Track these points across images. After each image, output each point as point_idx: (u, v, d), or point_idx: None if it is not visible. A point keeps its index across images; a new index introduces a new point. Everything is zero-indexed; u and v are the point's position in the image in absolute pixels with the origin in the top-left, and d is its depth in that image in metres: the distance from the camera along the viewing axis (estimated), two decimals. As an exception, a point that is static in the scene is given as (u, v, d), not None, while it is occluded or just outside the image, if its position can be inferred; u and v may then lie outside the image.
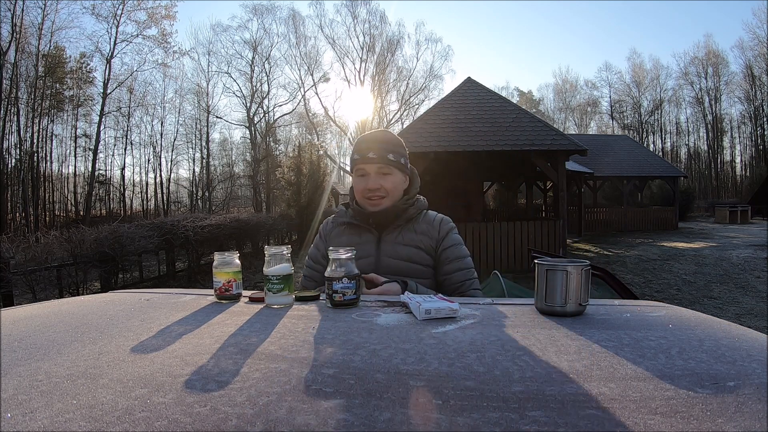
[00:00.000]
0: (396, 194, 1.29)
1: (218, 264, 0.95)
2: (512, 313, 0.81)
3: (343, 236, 1.31)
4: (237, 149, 34.16)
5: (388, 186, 1.27)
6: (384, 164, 1.26)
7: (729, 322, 0.77)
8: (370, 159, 1.26)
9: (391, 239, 1.27)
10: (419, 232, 1.28)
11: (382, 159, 1.25)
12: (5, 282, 4.98)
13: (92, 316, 0.82)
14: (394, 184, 1.28)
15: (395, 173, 1.28)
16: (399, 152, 1.29)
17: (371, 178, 1.26)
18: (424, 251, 1.26)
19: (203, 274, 8.62)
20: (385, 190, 1.26)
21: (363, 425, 0.40)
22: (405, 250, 1.25)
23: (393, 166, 1.27)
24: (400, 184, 1.30)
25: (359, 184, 1.29)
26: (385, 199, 1.27)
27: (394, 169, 1.28)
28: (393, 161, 1.27)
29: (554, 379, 0.50)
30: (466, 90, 10.50)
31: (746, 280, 7.33)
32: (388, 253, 1.25)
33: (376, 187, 1.25)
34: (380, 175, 1.26)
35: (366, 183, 1.27)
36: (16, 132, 20.95)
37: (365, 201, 1.28)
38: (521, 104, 29.32)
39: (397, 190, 1.29)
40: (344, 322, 0.75)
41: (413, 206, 1.31)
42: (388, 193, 1.27)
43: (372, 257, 1.25)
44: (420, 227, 1.29)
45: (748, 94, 33.61)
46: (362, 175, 1.28)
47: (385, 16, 32.87)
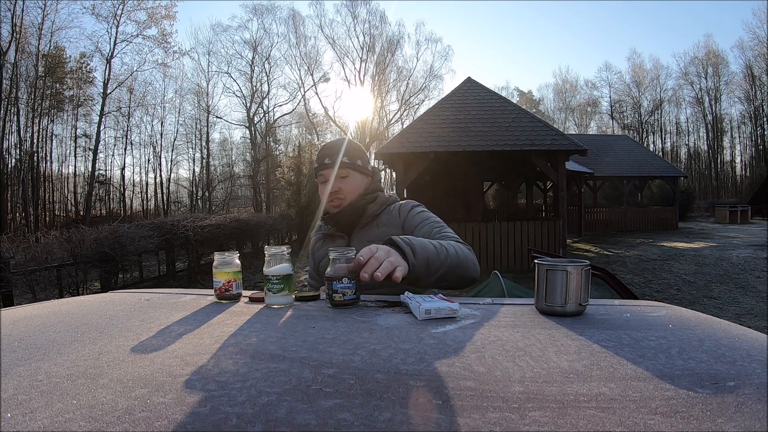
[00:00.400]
0: (355, 195, 1.34)
1: (218, 264, 0.95)
2: (512, 313, 0.81)
3: (324, 248, 1.35)
4: (237, 149, 34.18)
5: (347, 188, 1.32)
6: (340, 168, 1.32)
7: (729, 322, 0.77)
8: (326, 165, 1.33)
9: (358, 239, 1.30)
10: (382, 225, 1.31)
11: (335, 163, 1.32)
12: (5, 282, 4.98)
13: (92, 316, 0.82)
14: (353, 185, 1.33)
15: (353, 175, 1.34)
16: (355, 155, 1.35)
17: (331, 181, 1.32)
18: None
19: (203, 274, 8.62)
20: (343, 192, 1.32)
21: (363, 425, 0.40)
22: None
23: (349, 168, 1.33)
24: (358, 185, 1.35)
25: (321, 191, 1.35)
26: (343, 200, 1.32)
27: (351, 171, 1.33)
28: (348, 164, 1.32)
29: (554, 379, 0.50)
30: (466, 90, 10.50)
31: (746, 280, 7.33)
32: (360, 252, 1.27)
33: (335, 190, 1.31)
34: (338, 179, 1.32)
35: (326, 187, 1.33)
36: (16, 132, 20.96)
37: (329, 206, 1.34)
38: (521, 104, 29.33)
39: (356, 191, 1.34)
40: (344, 322, 0.75)
41: (373, 202, 1.34)
42: (346, 194, 1.32)
43: None
44: (385, 219, 1.32)
45: (748, 94, 33.61)
46: (323, 182, 1.34)
47: (385, 16, 32.83)
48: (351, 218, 1.31)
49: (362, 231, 1.31)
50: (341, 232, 1.34)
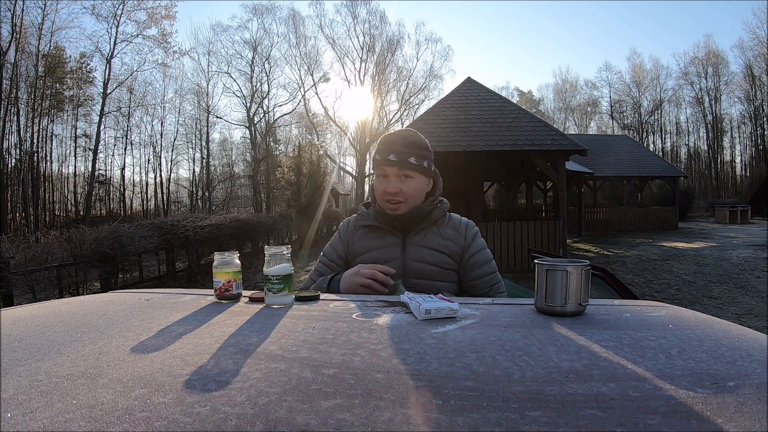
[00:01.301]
0: (416, 198, 1.26)
1: (218, 264, 0.95)
2: (512, 313, 0.80)
3: (367, 239, 1.29)
4: (237, 149, 34.21)
5: (408, 190, 1.23)
6: (405, 168, 1.22)
7: (729, 322, 0.77)
8: (390, 162, 1.22)
9: (416, 242, 1.25)
10: (445, 237, 1.26)
11: (402, 163, 1.22)
12: (5, 282, 4.98)
13: (92, 316, 0.82)
14: (415, 189, 1.24)
15: (416, 177, 1.24)
16: (422, 155, 1.25)
17: (391, 181, 1.23)
18: (449, 256, 1.25)
19: (203, 274, 8.62)
20: (404, 194, 1.23)
21: (363, 425, 0.40)
22: (431, 254, 1.24)
23: (414, 170, 1.23)
24: (421, 187, 1.26)
25: (379, 186, 1.26)
26: (403, 204, 1.24)
27: (416, 173, 1.24)
28: (414, 165, 1.23)
29: (554, 379, 0.50)
30: (466, 90, 10.50)
31: (746, 280, 7.33)
32: (413, 257, 1.24)
33: (395, 191, 1.22)
34: (400, 179, 1.23)
35: (385, 186, 1.23)
36: (16, 132, 20.97)
37: (384, 203, 1.26)
38: (521, 104, 29.32)
39: (418, 194, 1.26)
40: (344, 322, 0.74)
41: (438, 208, 1.29)
42: (407, 197, 1.23)
43: (398, 260, 1.23)
44: (446, 232, 1.27)
45: (748, 94, 33.63)
46: (382, 176, 1.25)
47: (385, 16, 32.93)
48: (413, 221, 1.25)
49: (420, 234, 1.26)
50: (397, 231, 1.27)
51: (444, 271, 1.24)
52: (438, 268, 1.23)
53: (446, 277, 1.24)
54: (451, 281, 1.25)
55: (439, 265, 1.24)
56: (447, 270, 1.25)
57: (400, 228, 1.27)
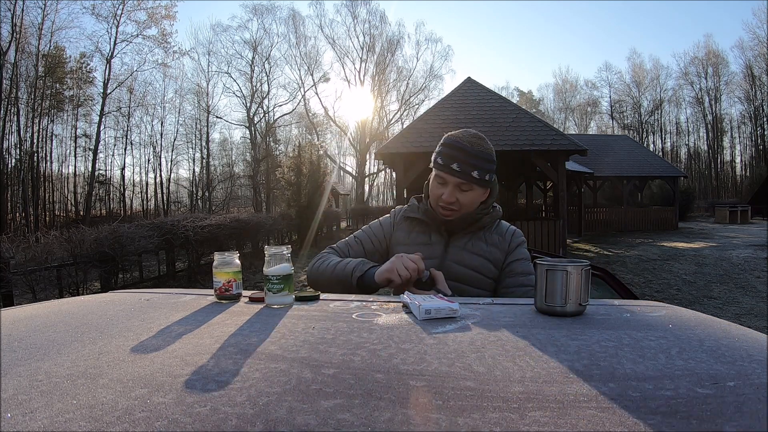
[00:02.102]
0: (470, 208, 1.24)
1: (218, 264, 0.94)
2: (512, 313, 0.80)
3: (412, 233, 1.28)
4: (237, 149, 34.23)
5: (465, 201, 1.21)
6: (466, 181, 1.19)
7: (729, 322, 0.77)
8: (452, 170, 1.18)
9: (460, 245, 1.24)
10: (490, 243, 1.24)
11: (464, 175, 1.18)
12: (5, 282, 4.98)
13: (92, 316, 0.82)
14: (471, 200, 1.22)
15: (475, 189, 1.21)
16: (485, 168, 1.20)
17: (449, 190, 1.20)
18: (492, 263, 1.24)
19: (203, 274, 8.62)
20: (459, 203, 1.21)
21: (363, 425, 0.40)
22: (473, 258, 1.22)
23: (475, 183, 1.20)
24: (477, 198, 1.24)
25: (436, 190, 1.23)
26: (457, 212, 1.22)
27: (476, 186, 1.21)
28: (476, 179, 1.19)
29: (554, 379, 0.50)
30: (466, 90, 10.50)
31: (746, 280, 7.33)
32: (454, 258, 1.22)
33: (451, 201, 1.20)
34: (458, 190, 1.20)
35: (442, 192, 1.21)
36: (16, 132, 20.98)
37: (438, 208, 1.24)
38: (521, 104, 29.32)
39: (473, 204, 1.23)
40: (344, 322, 0.74)
41: (488, 215, 1.27)
42: (462, 207, 1.22)
43: (437, 260, 1.22)
44: (492, 238, 1.25)
45: (748, 94, 33.64)
46: (441, 183, 1.22)
47: (385, 16, 32.95)
48: (463, 224, 1.24)
49: (465, 238, 1.24)
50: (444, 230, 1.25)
51: (482, 277, 1.22)
52: (476, 274, 1.22)
53: (483, 284, 1.23)
54: (487, 290, 1.23)
55: (478, 271, 1.22)
56: (485, 277, 1.23)
57: (446, 229, 1.25)
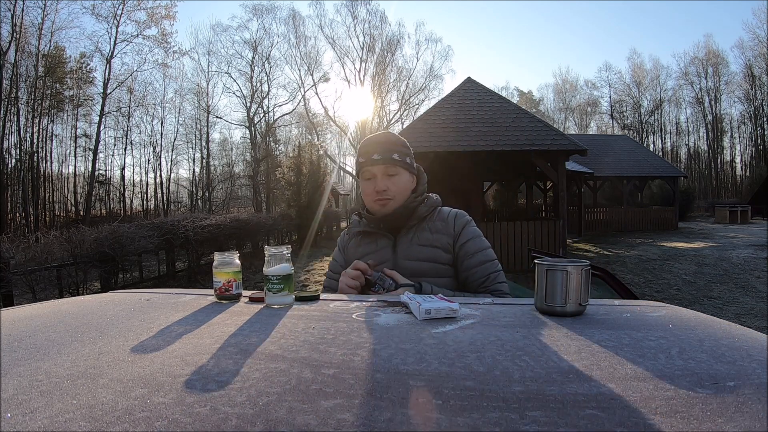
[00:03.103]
0: (404, 195, 1.28)
1: (218, 264, 0.95)
2: (512, 313, 0.80)
3: (360, 247, 1.30)
4: (237, 149, 34.23)
5: (395, 187, 1.26)
6: (389, 164, 1.25)
7: (729, 322, 0.77)
8: (375, 161, 1.25)
9: (406, 241, 1.25)
10: (434, 231, 1.26)
11: (386, 160, 1.24)
12: (5, 282, 4.98)
13: (92, 316, 0.82)
14: (402, 185, 1.27)
15: (401, 173, 1.27)
16: (403, 152, 1.28)
17: (378, 180, 1.25)
18: (442, 249, 1.24)
19: (203, 274, 8.62)
20: (391, 191, 1.25)
21: (363, 425, 0.40)
22: (422, 250, 1.24)
23: (399, 165, 1.26)
24: (407, 184, 1.29)
25: (367, 188, 1.28)
26: (392, 201, 1.26)
27: (400, 169, 1.26)
28: (398, 161, 1.25)
29: (554, 379, 0.50)
30: (466, 90, 10.50)
31: (746, 280, 7.33)
32: (404, 255, 1.24)
33: (383, 189, 1.24)
34: (386, 177, 1.25)
35: (374, 185, 1.25)
36: (16, 132, 20.99)
37: (374, 204, 1.27)
38: (521, 104, 29.32)
39: (405, 190, 1.28)
40: (344, 322, 0.75)
41: (423, 204, 1.29)
42: (395, 194, 1.25)
43: (389, 262, 1.24)
44: (435, 225, 1.27)
45: (748, 94, 33.64)
46: (369, 179, 1.27)
47: (385, 16, 32.96)
48: (401, 219, 1.26)
49: (410, 233, 1.26)
50: (387, 232, 1.28)
51: (438, 266, 1.23)
52: (431, 264, 1.23)
53: (441, 271, 1.23)
54: (447, 276, 1.24)
55: (432, 260, 1.23)
56: (441, 264, 1.24)
57: (389, 229, 1.28)
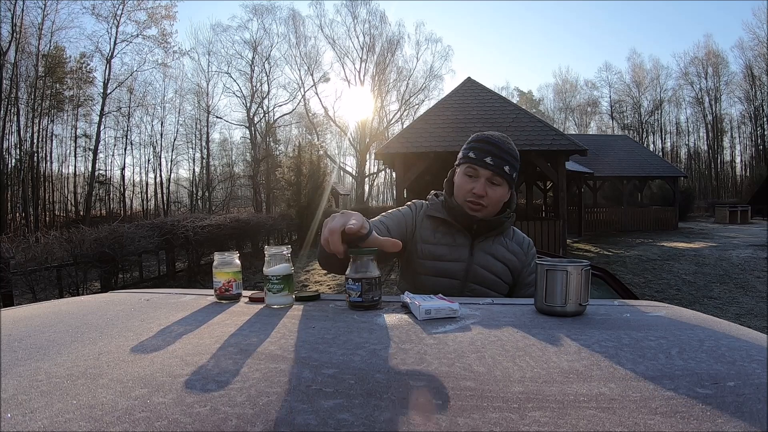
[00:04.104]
0: (497, 206, 1.26)
1: (218, 264, 0.94)
2: (512, 313, 0.80)
3: (437, 232, 1.26)
4: (237, 149, 34.21)
5: (494, 197, 1.23)
6: (497, 175, 1.22)
7: (729, 322, 0.77)
8: (486, 164, 1.21)
9: (484, 248, 1.25)
10: (510, 251, 1.27)
11: (497, 169, 1.21)
12: (5, 282, 4.98)
13: (92, 316, 0.82)
14: (500, 197, 1.25)
15: (504, 186, 1.25)
16: (514, 165, 1.25)
17: (480, 183, 1.22)
18: (510, 270, 1.27)
19: (203, 274, 8.62)
20: (489, 199, 1.22)
21: (363, 425, 0.40)
22: (495, 264, 1.25)
23: (505, 179, 1.23)
24: (503, 196, 1.26)
25: (465, 184, 1.24)
26: (485, 209, 1.23)
27: (504, 182, 1.24)
28: (507, 174, 1.23)
29: (554, 379, 0.50)
30: (466, 90, 10.51)
31: (746, 280, 7.33)
32: (480, 262, 1.24)
33: (482, 194, 1.21)
34: (488, 183, 1.22)
35: (473, 186, 1.22)
36: (16, 132, 20.99)
37: (465, 203, 1.24)
38: (521, 104, 29.31)
39: (499, 203, 1.26)
40: (344, 322, 0.74)
41: (510, 219, 1.30)
42: (490, 203, 1.23)
43: (464, 263, 1.24)
44: (512, 246, 1.28)
45: (748, 94, 33.63)
46: (471, 176, 1.24)
47: (385, 16, 33.00)
48: (491, 228, 1.25)
49: (487, 242, 1.26)
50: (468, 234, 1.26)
51: (502, 283, 1.26)
52: (498, 279, 1.25)
53: (501, 289, 1.26)
54: (501, 294, 1.26)
55: (500, 276, 1.25)
56: (504, 283, 1.26)
57: (471, 231, 1.26)
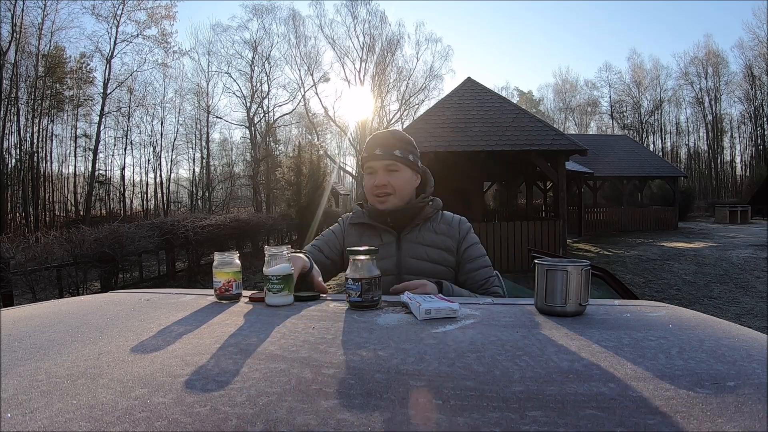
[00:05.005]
0: (404, 192, 1.28)
1: (218, 264, 0.94)
2: (512, 313, 0.80)
3: (363, 237, 1.29)
4: (237, 149, 34.19)
5: (396, 183, 1.26)
6: (391, 161, 1.25)
7: (729, 322, 0.77)
8: (376, 156, 1.26)
9: (411, 239, 1.26)
10: (439, 233, 1.27)
11: (388, 155, 1.25)
12: (5, 282, 4.98)
13: (92, 316, 0.82)
14: (403, 181, 1.27)
15: (403, 170, 1.27)
16: (407, 149, 1.28)
17: (379, 175, 1.26)
18: (446, 251, 1.26)
19: (203, 274, 8.62)
20: (392, 186, 1.25)
21: (363, 425, 0.40)
22: (427, 250, 1.25)
23: (401, 162, 1.26)
24: (408, 181, 1.28)
25: (368, 182, 1.29)
26: (391, 197, 1.26)
27: (402, 166, 1.26)
28: (400, 157, 1.26)
29: (554, 379, 0.50)
30: (466, 90, 10.51)
31: (746, 280, 7.33)
32: (409, 254, 1.25)
33: (383, 184, 1.25)
34: (387, 172, 1.25)
35: (374, 180, 1.26)
36: (16, 132, 20.99)
37: (374, 199, 1.28)
38: (521, 104, 29.31)
39: (406, 187, 1.28)
40: (344, 322, 0.75)
41: (430, 205, 1.30)
42: (395, 190, 1.25)
43: (393, 258, 1.25)
44: (440, 227, 1.29)
45: (748, 94, 33.62)
46: (370, 173, 1.28)
47: (385, 16, 32.99)
48: (407, 217, 1.27)
49: (414, 231, 1.27)
50: (391, 228, 1.27)
51: (441, 268, 1.25)
52: (434, 265, 1.24)
53: (443, 273, 1.24)
54: (448, 278, 1.25)
55: (437, 262, 1.25)
56: (442, 266, 1.25)
57: (393, 225, 1.28)
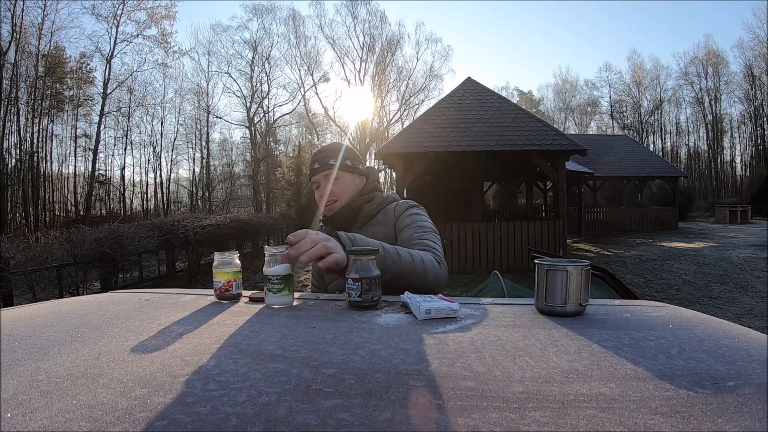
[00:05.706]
0: (347, 195, 1.33)
1: (218, 264, 0.95)
2: (512, 313, 0.80)
3: None
4: (237, 149, 34.16)
5: (337, 189, 1.32)
6: (328, 170, 1.31)
7: (729, 322, 0.77)
8: (316, 170, 1.33)
9: None
10: (378, 224, 1.30)
11: (324, 166, 1.32)
12: (5, 282, 4.99)
13: (92, 316, 0.82)
14: (344, 186, 1.33)
15: (343, 176, 1.32)
16: (344, 156, 1.34)
17: (322, 187, 1.33)
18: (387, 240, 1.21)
19: (203, 274, 8.63)
20: (335, 194, 1.31)
21: (363, 425, 0.40)
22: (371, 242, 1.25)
23: (340, 169, 1.32)
24: (351, 185, 1.34)
25: (316, 196, 1.36)
26: (337, 203, 1.32)
27: (341, 173, 1.32)
28: (334, 165, 1.32)
29: (554, 379, 0.50)
30: (466, 90, 10.50)
31: (746, 280, 7.33)
32: None
33: (326, 193, 1.31)
34: (328, 182, 1.32)
35: (319, 192, 1.33)
36: (16, 132, 20.99)
37: (324, 209, 1.34)
38: (521, 104, 29.30)
39: (349, 191, 1.33)
40: (344, 322, 0.75)
41: (370, 202, 1.32)
42: (338, 196, 1.32)
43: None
44: (379, 219, 1.31)
45: (748, 94, 33.61)
46: (317, 188, 1.35)
47: (385, 16, 32.99)
48: (347, 219, 1.30)
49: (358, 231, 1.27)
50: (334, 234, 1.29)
51: None
52: None
53: None
54: None
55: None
56: None
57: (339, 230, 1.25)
